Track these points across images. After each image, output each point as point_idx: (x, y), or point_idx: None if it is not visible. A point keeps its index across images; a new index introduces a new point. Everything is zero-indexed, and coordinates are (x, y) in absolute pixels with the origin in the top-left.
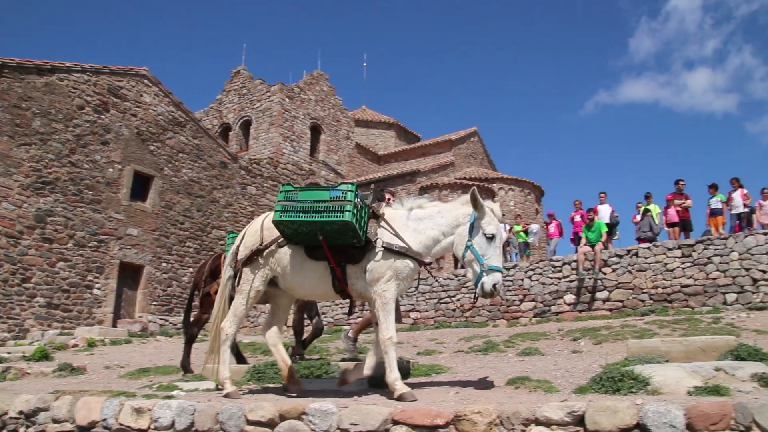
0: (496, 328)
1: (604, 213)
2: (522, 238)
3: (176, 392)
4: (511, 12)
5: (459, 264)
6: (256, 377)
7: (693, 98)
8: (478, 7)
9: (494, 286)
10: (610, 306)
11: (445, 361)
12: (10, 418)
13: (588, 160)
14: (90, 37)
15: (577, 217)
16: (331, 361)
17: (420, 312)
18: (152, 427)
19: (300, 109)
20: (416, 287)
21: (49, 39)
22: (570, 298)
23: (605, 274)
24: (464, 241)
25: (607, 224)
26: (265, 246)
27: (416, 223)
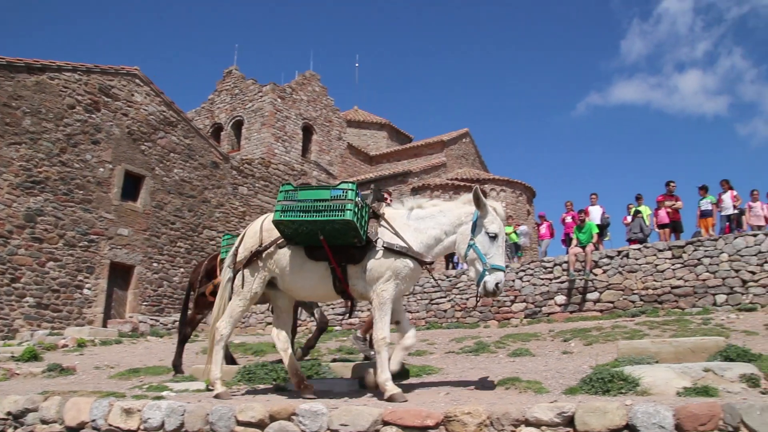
0: (487, 329)
1: (595, 214)
2: (513, 239)
3: (166, 393)
4: (503, 13)
5: (450, 265)
6: (247, 378)
7: (684, 100)
8: (471, 8)
9: (497, 285)
10: (601, 307)
11: (436, 362)
12: None
13: (579, 162)
14: (81, 37)
15: (568, 219)
16: (322, 362)
17: (411, 313)
18: (142, 427)
19: (292, 110)
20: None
21: (40, 38)
22: (561, 299)
23: (596, 275)
24: (467, 240)
25: (598, 225)
26: (264, 247)
27: (417, 222)
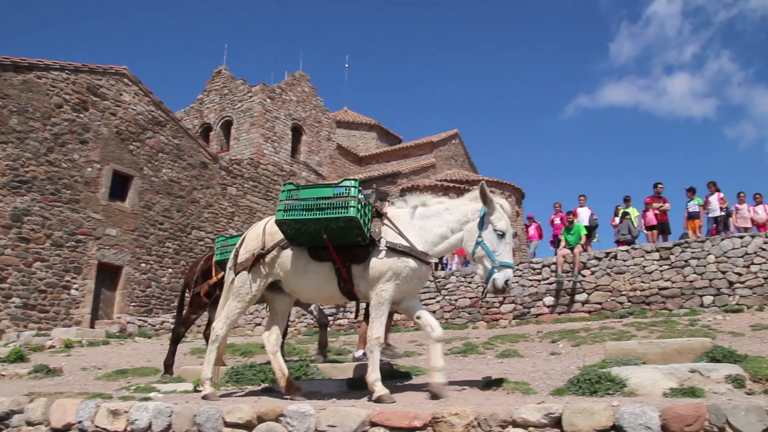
0: (476, 330)
1: (584, 216)
2: None
3: (153, 394)
4: (493, 16)
5: (439, 266)
6: (235, 379)
7: (672, 102)
8: (461, 10)
9: (506, 282)
10: (589, 308)
11: (425, 363)
12: None
13: (568, 163)
14: (69, 36)
15: (557, 220)
16: (310, 363)
17: (399, 314)
18: (129, 429)
19: (281, 110)
20: None
21: (28, 37)
22: (549, 300)
23: (584, 276)
24: (474, 238)
25: (586, 227)
26: (267, 250)
27: (422, 221)
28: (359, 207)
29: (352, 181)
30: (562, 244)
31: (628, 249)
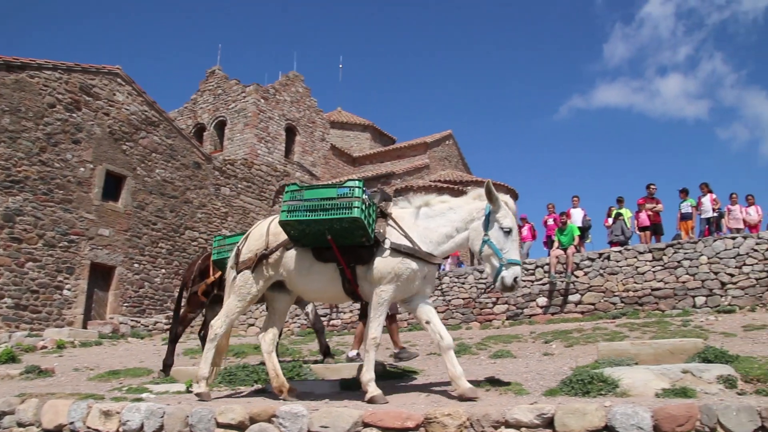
0: (469, 331)
1: (577, 217)
2: None
3: (146, 395)
4: (487, 17)
5: None
6: (228, 379)
7: (666, 104)
8: (455, 11)
9: (515, 279)
10: (582, 309)
11: (418, 364)
12: None
13: (562, 164)
14: (63, 35)
15: (550, 221)
16: (303, 364)
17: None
18: (121, 430)
19: (275, 110)
20: None
21: (21, 36)
22: (542, 301)
23: (577, 277)
24: (481, 236)
25: (579, 228)
26: (270, 251)
27: (427, 221)
28: (363, 208)
29: (357, 182)
30: (556, 244)
31: (621, 250)
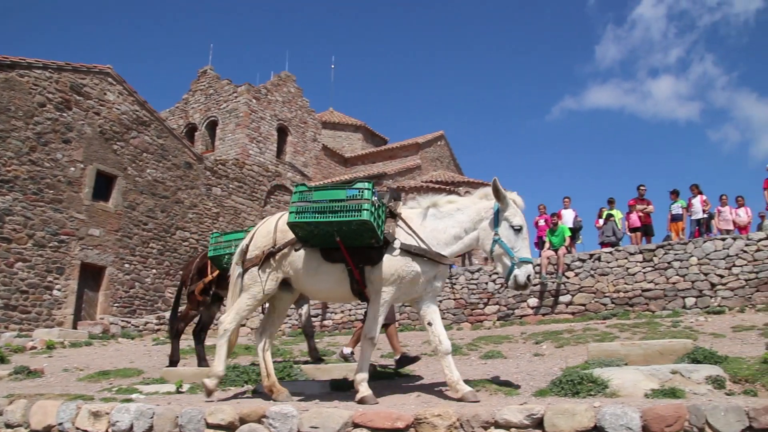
0: (460, 331)
1: (568, 217)
2: None
3: (135, 395)
4: (479, 17)
5: None
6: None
7: (657, 105)
8: (447, 12)
9: (528, 277)
10: (573, 310)
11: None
12: None
13: (553, 165)
14: (53, 34)
15: (541, 222)
16: (294, 364)
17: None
18: (110, 430)
19: (267, 110)
20: None
21: (10, 35)
22: (533, 301)
23: (568, 278)
24: (491, 236)
25: (570, 229)
26: (278, 249)
27: (435, 222)
28: (372, 210)
29: (366, 183)
30: (547, 245)
31: (612, 251)
